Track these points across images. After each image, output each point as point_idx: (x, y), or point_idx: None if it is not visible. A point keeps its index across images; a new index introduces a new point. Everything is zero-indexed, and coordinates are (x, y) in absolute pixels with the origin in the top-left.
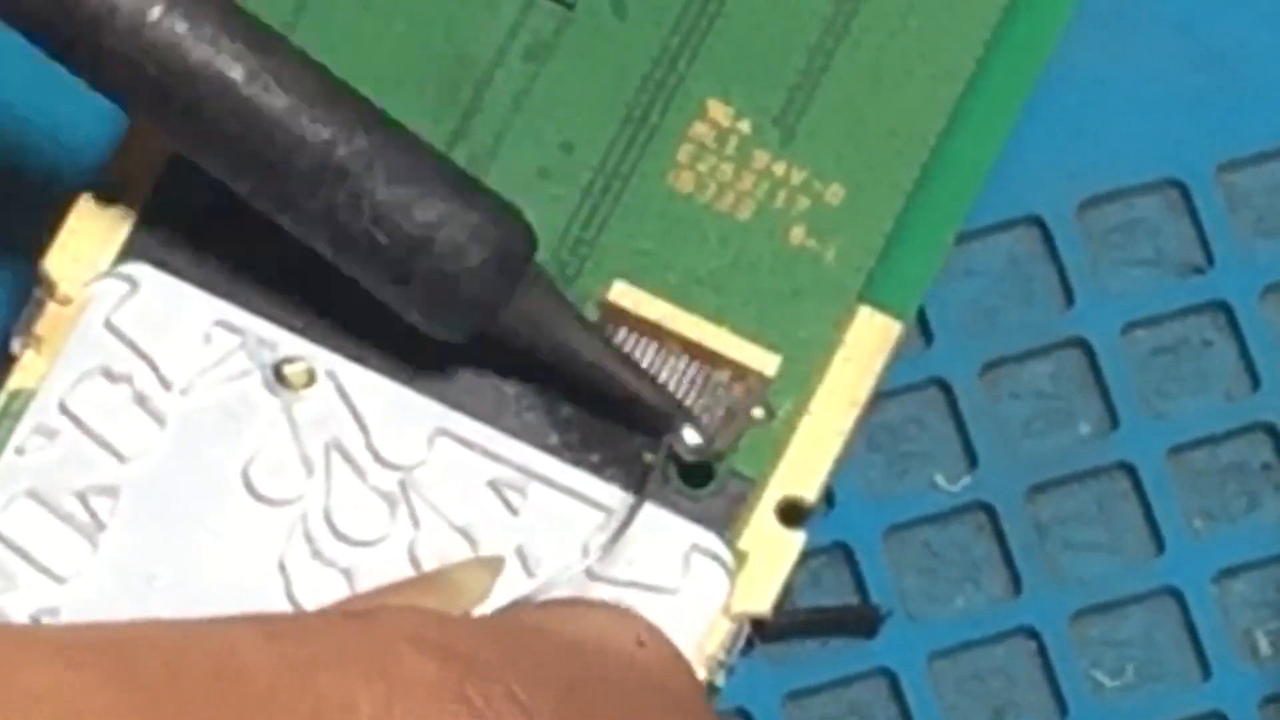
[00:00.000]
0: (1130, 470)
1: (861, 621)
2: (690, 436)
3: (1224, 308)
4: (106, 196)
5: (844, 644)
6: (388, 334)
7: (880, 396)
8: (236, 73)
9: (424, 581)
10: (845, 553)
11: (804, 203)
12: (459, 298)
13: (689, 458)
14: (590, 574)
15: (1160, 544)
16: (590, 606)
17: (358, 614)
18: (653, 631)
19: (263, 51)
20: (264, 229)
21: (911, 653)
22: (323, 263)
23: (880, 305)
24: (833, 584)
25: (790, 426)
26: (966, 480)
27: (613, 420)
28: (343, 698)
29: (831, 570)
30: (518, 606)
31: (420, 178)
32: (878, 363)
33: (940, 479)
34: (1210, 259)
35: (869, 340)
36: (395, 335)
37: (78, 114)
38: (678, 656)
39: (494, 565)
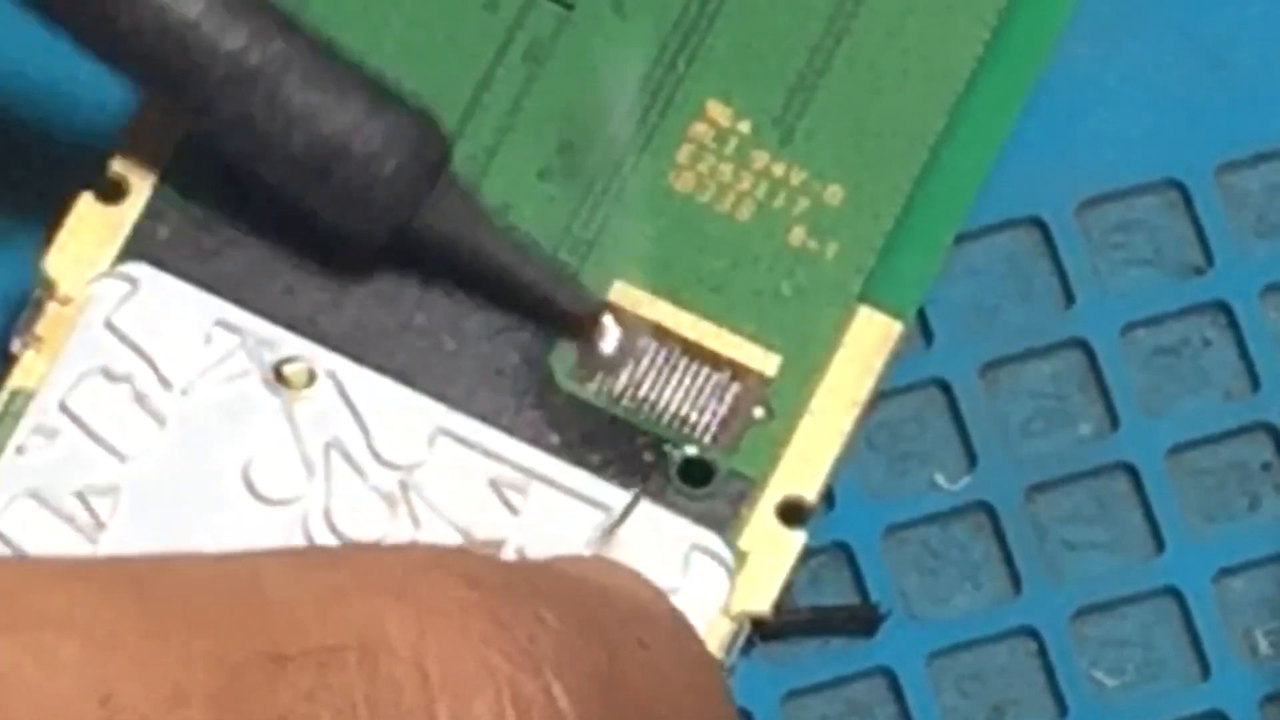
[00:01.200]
0: (1130, 470)
1: (861, 621)
2: (610, 331)
3: (1224, 308)
4: (106, 196)
5: (844, 643)
6: (388, 334)
7: (880, 396)
8: None
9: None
10: (845, 552)
11: (804, 203)
12: (374, 201)
13: (610, 351)
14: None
15: (1160, 544)
16: (592, 557)
17: (386, 545)
18: (649, 582)
19: None
20: (264, 228)
21: (911, 652)
22: (323, 262)
23: (880, 305)
24: (832, 583)
25: (790, 426)
26: (966, 480)
27: (528, 321)
28: (370, 618)
29: (831, 570)
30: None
31: (336, 83)
32: (878, 363)
33: (940, 479)
34: (1210, 259)
35: (869, 340)
36: (396, 335)
37: (77, 114)
38: (672, 606)
39: (489, 547)
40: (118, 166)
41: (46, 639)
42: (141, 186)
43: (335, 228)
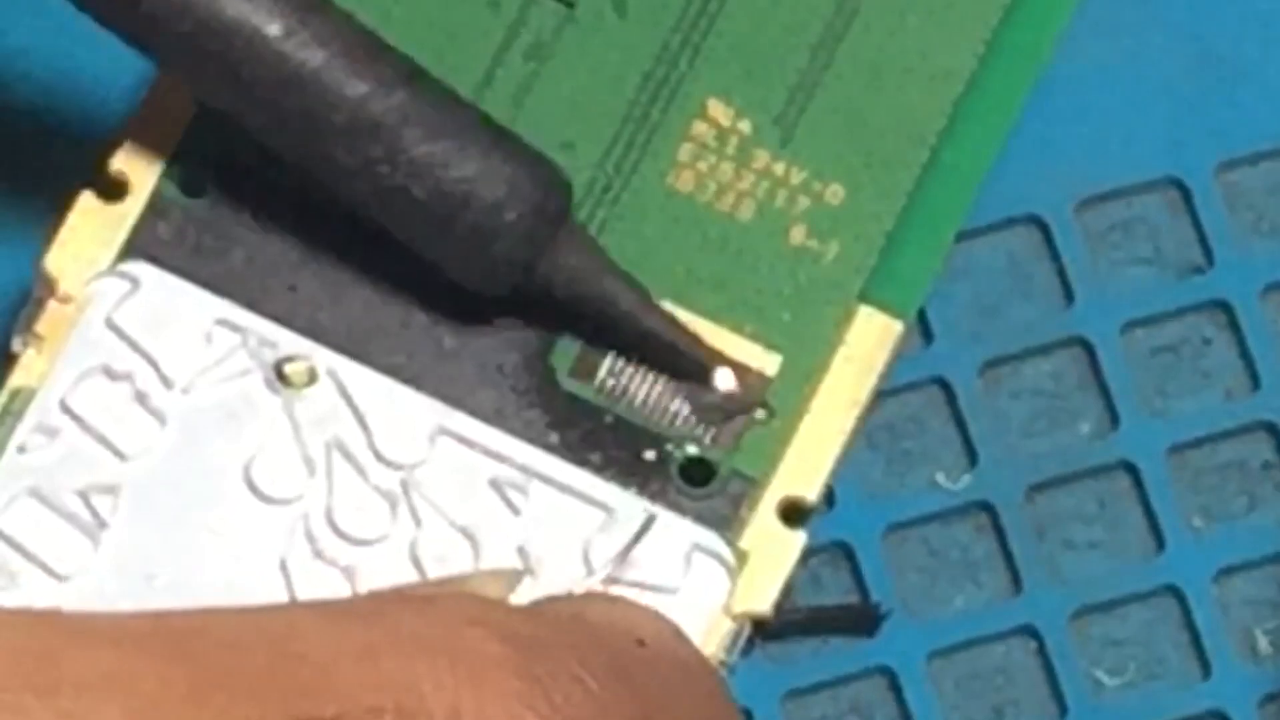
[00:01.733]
0: (1130, 469)
1: (861, 620)
2: (724, 380)
3: (1224, 307)
4: (107, 194)
5: (844, 643)
6: (389, 333)
7: (880, 395)
8: (273, 28)
9: (439, 585)
10: (845, 552)
11: (804, 202)
12: (497, 251)
13: (727, 403)
14: (592, 574)
15: (1160, 543)
16: (611, 598)
17: (416, 599)
18: (662, 619)
19: (299, 6)
20: (265, 227)
21: (911, 652)
22: (325, 261)
23: (881, 305)
24: (832, 583)
25: (791, 426)
26: (967, 479)
27: (650, 367)
28: (406, 678)
29: (831, 569)
30: (548, 598)
31: (457, 132)
32: (878, 362)
33: (940, 478)
34: (1210, 258)
35: (870, 340)
36: (397, 334)
37: (78, 111)
38: (689, 641)
39: (509, 577)
40: (118, 164)
41: (86, 703)
42: (142, 185)
43: (459, 278)
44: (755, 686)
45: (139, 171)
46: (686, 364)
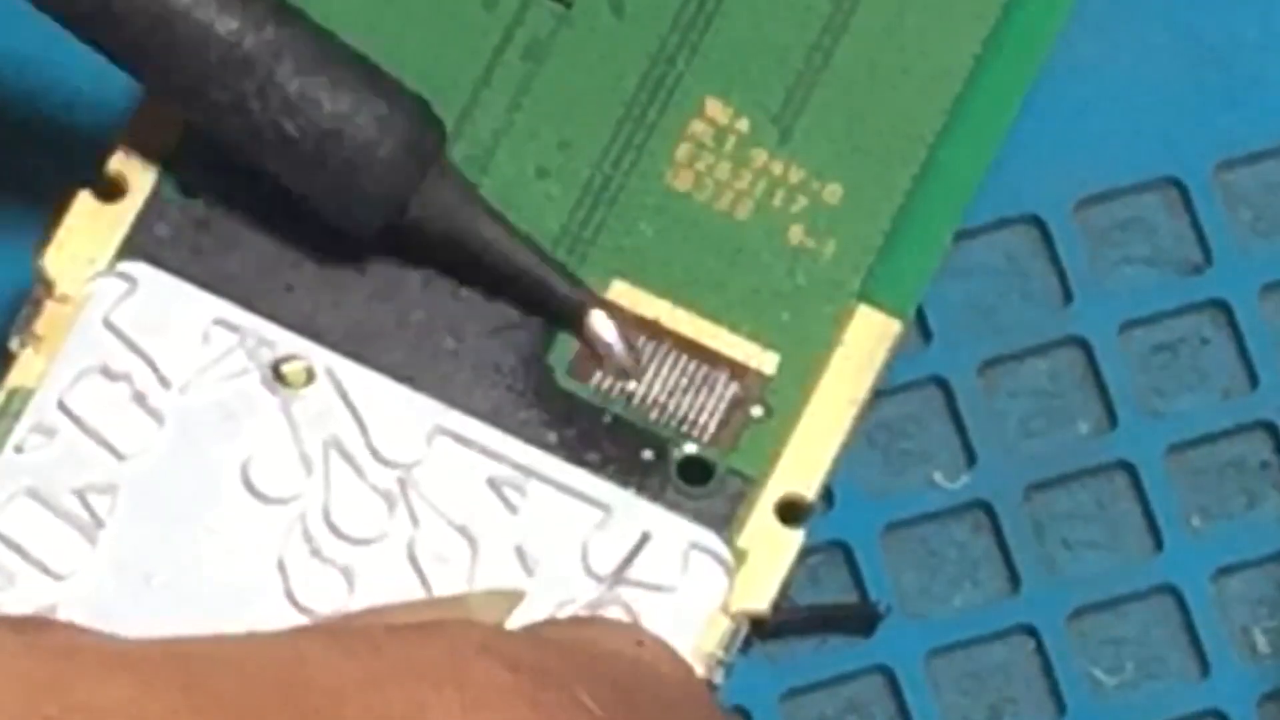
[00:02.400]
0: (1129, 468)
1: (860, 619)
2: (600, 323)
3: (1222, 306)
4: (105, 194)
5: (842, 642)
6: (386, 332)
7: (879, 395)
8: None
9: (439, 604)
10: (844, 551)
11: (802, 201)
12: (368, 188)
13: (600, 348)
14: (590, 574)
15: (1159, 542)
16: (612, 621)
17: (422, 626)
18: (658, 640)
19: None
20: (262, 227)
21: (910, 650)
22: (322, 260)
23: (879, 304)
24: (831, 582)
25: (789, 425)
26: (965, 478)
27: (522, 310)
28: (413, 707)
29: (830, 568)
30: (544, 622)
31: (330, 69)
32: (877, 361)
33: (939, 477)
34: (1208, 258)
35: (868, 339)
36: (394, 333)
37: (75, 112)
38: (682, 659)
39: (512, 597)
40: (116, 164)
41: None
42: (140, 185)
43: (330, 215)
44: (754, 686)
45: (137, 172)
46: (560, 304)
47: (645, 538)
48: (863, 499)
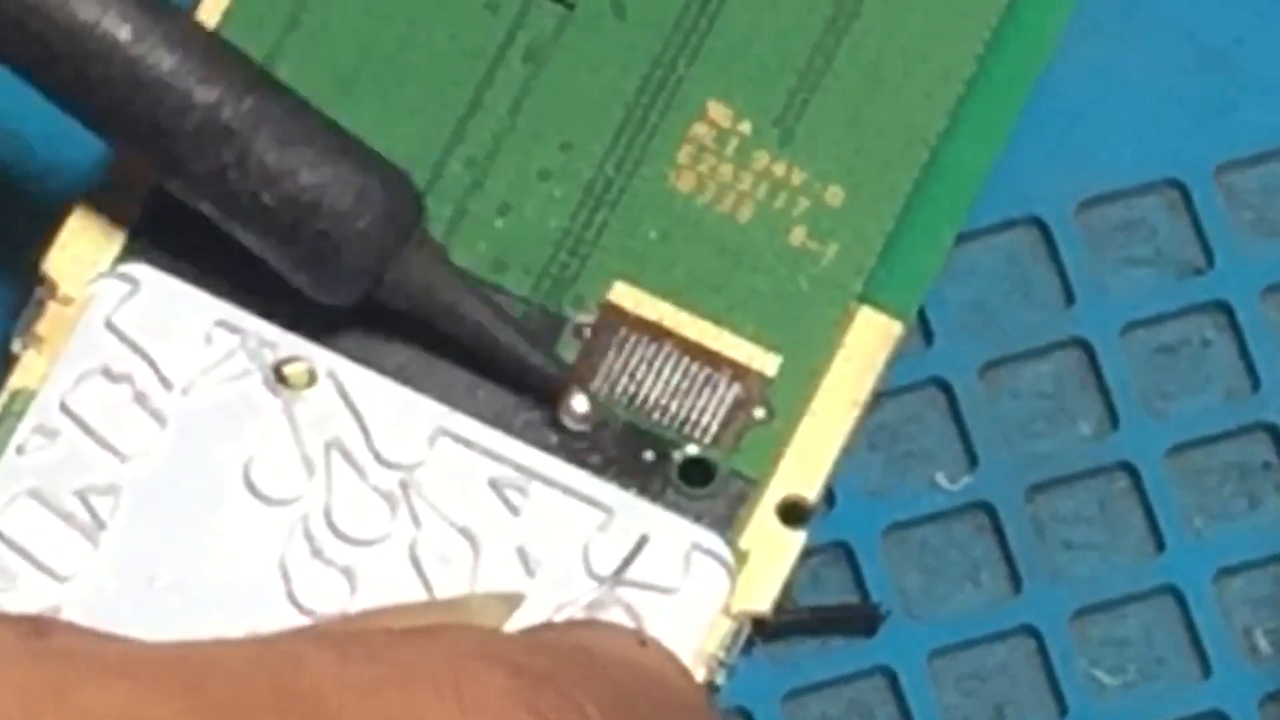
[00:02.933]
0: (1130, 470)
1: (862, 620)
2: (579, 404)
3: (1224, 307)
4: (107, 196)
5: (844, 643)
6: (388, 334)
7: (880, 396)
8: (123, 32)
9: (437, 607)
10: (845, 552)
11: (804, 203)
12: (344, 260)
13: (576, 426)
14: (591, 575)
15: (1160, 543)
16: (611, 625)
17: (420, 631)
18: (658, 644)
19: (151, 12)
20: None
21: (911, 651)
22: None
23: (880, 305)
24: (833, 583)
25: (791, 426)
26: (967, 480)
27: (502, 384)
28: (413, 712)
29: (831, 569)
30: (544, 626)
31: (308, 140)
32: (878, 363)
33: (940, 478)
34: (1210, 259)
35: (869, 340)
36: (396, 336)
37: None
38: (683, 665)
39: (512, 600)
40: (118, 166)
41: None
42: (142, 186)
43: (306, 286)
44: (755, 686)
45: (139, 173)
46: (536, 380)
47: (646, 539)
48: (864, 500)
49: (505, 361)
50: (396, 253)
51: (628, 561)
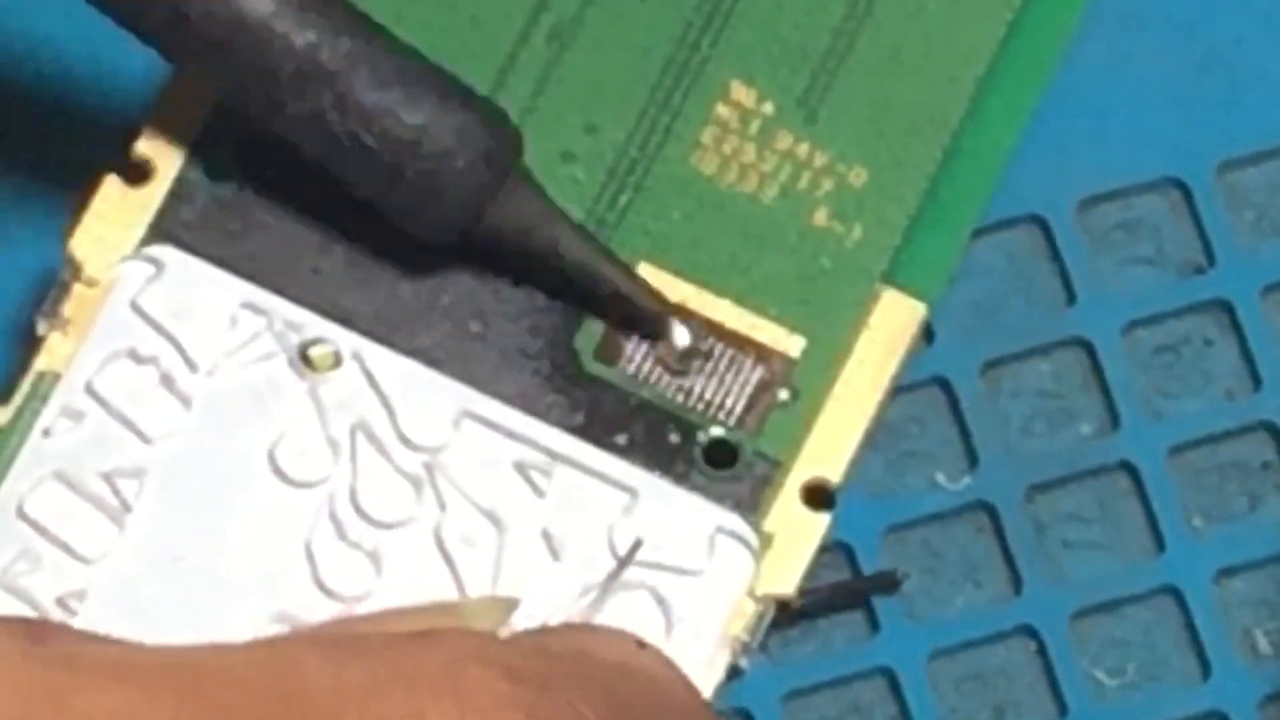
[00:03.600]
0: (1131, 469)
1: (881, 587)
2: (680, 336)
3: (1225, 307)
4: (132, 178)
5: (844, 643)
6: (414, 316)
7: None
8: None
9: (434, 611)
10: (846, 551)
11: (828, 184)
12: (446, 198)
13: (675, 361)
14: (616, 557)
15: (1160, 543)
16: (609, 630)
17: (419, 635)
18: (656, 649)
19: None
20: (290, 210)
21: (912, 652)
22: (349, 244)
23: (904, 287)
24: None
25: (815, 408)
26: (967, 479)
27: (603, 319)
28: (412, 716)
29: (832, 569)
30: (543, 630)
31: (406, 81)
32: (902, 345)
33: (941, 478)
34: (1211, 258)
35: (893, 322)
36: (421, 317)
37: (103, 96)
38: (678, 668)
39: (508, 603)
40: (143, 148)
41: None
42: (167, 168)
43: (407, 224)
44: (756, 687)
45: (163, 155)
46: (640, 315)
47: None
48: (865, 500)
49: (608, 297)
50: (496, 191)
51: (632, 551)
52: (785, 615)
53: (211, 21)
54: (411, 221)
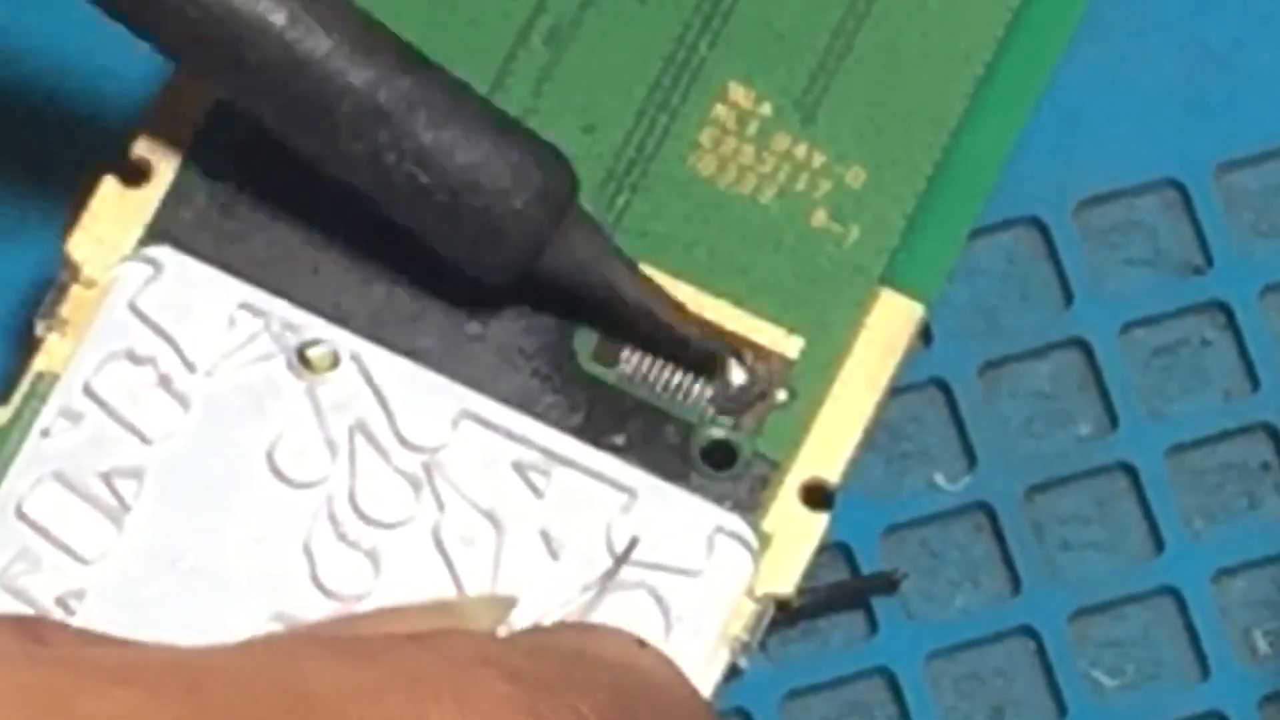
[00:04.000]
0: (1129, 470)
1: (879, 587)
2: (736, 376)
3: (1223, 308)
4: (130, 179)
5: (844, 643)
6: (412, 316)
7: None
8: (278, 16)
9: (433, 610)
10: (845, 552)
11: (825, 185)
12: (504, 238)
13: (731, 401)
14: (615, 557)
15: (1159, 544)
16: (610, 630)
17: (419, 636)
18: (657, 649)
19: None
20: (288, 211)
21: (911, 652)
22: (347, 245)
23: (902, 288)
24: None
25: (813, 409)
26: (966, 480)
27: (660, 358)
28: (413, 717)
29: (831, 570)
30: (544, 630)
31: (463, 119)
32: (900, 345)
33: (940, 479)
34: (1209, 259)
35: (891, 322)
36: (420, 317)
37: (100, 97)
38: (678, 668)
39: (507, 603)
40: (141, 149)
41: None
42: (165, 169)
43: (465, 264)
44: (755, 687)
45: (161, 155)
46: (697, 356)
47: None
48: (863, 500)
49: (664, 337)
50: (554, 230)
51: (626, 553)
52: (784, 615)
53: (268, 63)
54: (470, 263)
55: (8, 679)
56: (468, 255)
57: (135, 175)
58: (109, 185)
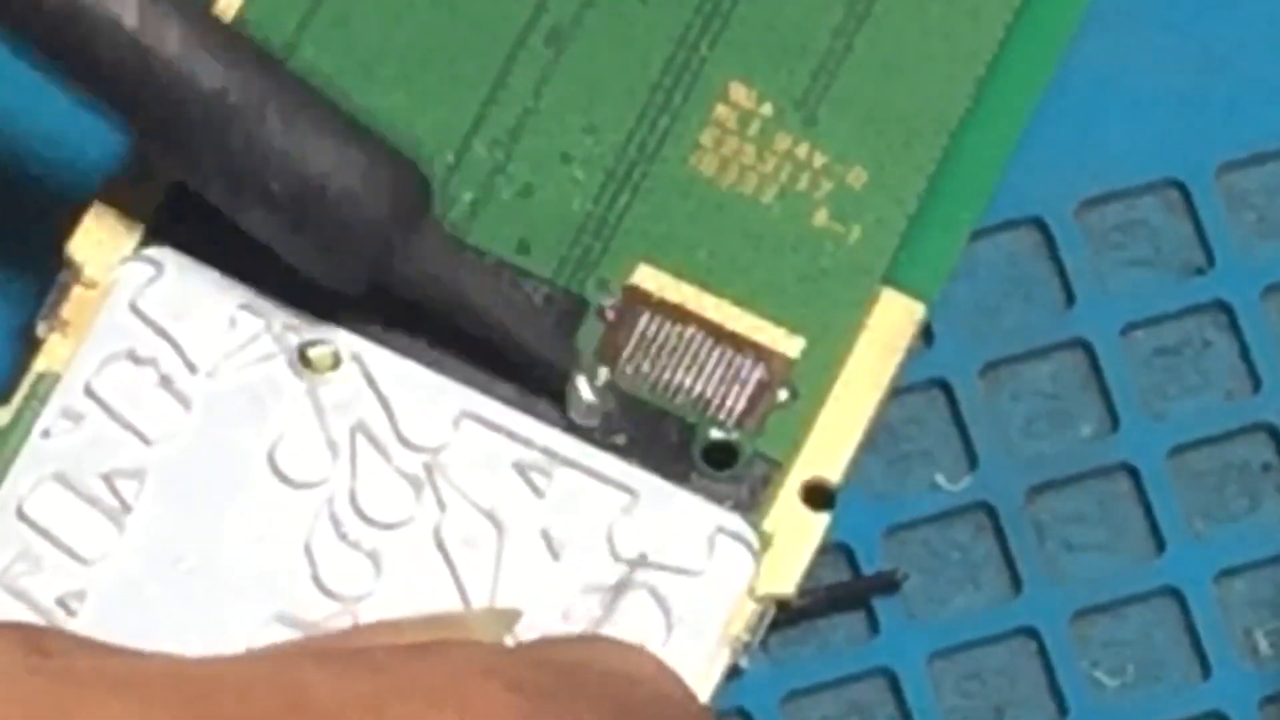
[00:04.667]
0: (1131, 470)
1: (880, 588)
2: (585, 393)
3: (1224, 308)
4: (131, 180)
5: (844, 643)
6: (412, 318)
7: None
8: (129, 15)
9: (438, 622)
10: (846, 553)
11: (826, 185)
12: (352, 247)
13: (581, 419)
14: (616, 558)
15: (1160, 544)
16: (613, 641)
17: (422, 647)
18: (659, 660)
19: None
20: None
21: (912, 652)
22: None
23: (903, 287)
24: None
25: (814, 409)
26: (967, 480)
27: (510, 375)
28: None
29: (832, 570)
30: (546, 641)
31: (315, 125)
32: (901, 345)
33: (941, 479)
34: (1211, 259)
35: (892, 322)
36: (420, 319)
37: None
38: (680, 678)
39: (510, 615)
40: (142, 149)
41: None
42: (167, 170)
43: (314, 272)
44: (755, 688)
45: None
46: (544, 372)
47: (668, 523)
48: (865, 501)
49: (515, 350)
50: (405, 240)
51: (641, 549)
52: (785, 615)
53: (121, 64)
54: (319, 270)
55: (8, 691)
56: (318, 264)
57: (137, 175)
58: (111, 186)
